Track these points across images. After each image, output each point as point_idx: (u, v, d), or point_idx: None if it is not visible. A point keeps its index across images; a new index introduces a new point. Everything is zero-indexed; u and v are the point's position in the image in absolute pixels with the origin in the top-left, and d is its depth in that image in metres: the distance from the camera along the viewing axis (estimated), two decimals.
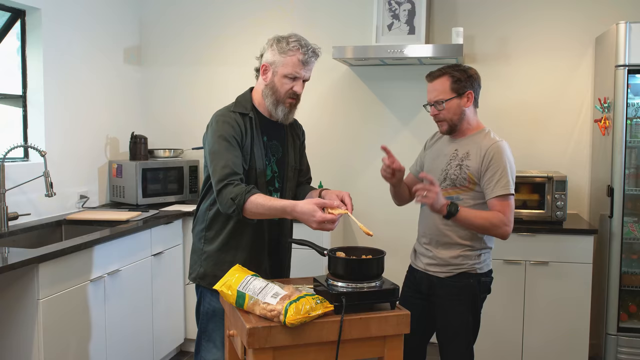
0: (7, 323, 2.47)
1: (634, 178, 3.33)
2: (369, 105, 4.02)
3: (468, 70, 2.37)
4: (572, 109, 3.75)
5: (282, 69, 2.13)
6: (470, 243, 2.32)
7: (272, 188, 2.24)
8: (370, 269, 1.86)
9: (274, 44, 2.16)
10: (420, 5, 3.66)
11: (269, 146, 2.23)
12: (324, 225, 1.86)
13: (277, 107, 2.17)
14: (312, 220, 1.87)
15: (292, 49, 2.12)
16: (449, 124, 2.38)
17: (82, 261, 2.70)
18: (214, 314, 2.23)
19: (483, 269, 2.36)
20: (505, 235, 2.25)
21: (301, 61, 2.13)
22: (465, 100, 2.35)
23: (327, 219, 1.85)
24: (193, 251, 2.30)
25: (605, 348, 3.30)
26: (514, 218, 2.28)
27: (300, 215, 1.89)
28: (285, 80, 2.14)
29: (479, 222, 2.23)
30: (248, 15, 4.11)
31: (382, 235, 4.01)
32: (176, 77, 4.29)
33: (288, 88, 2.14)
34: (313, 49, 2.17)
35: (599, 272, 3.39)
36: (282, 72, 2.13)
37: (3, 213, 2.94)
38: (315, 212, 1.86)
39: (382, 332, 1.78)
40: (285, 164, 2.28)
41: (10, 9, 3.23)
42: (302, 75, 2.15)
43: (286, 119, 2.22)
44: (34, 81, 3.33)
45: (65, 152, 3.51)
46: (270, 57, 2.16)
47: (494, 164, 2.28)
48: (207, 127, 2.21)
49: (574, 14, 3.71)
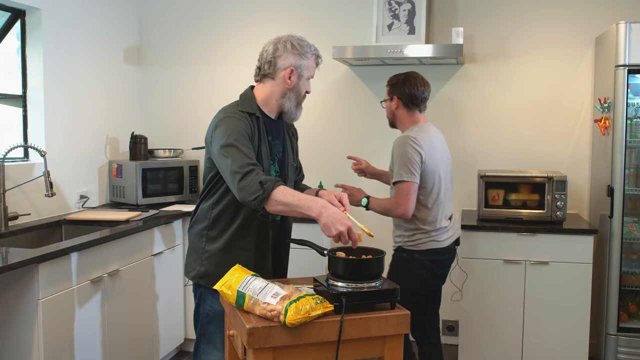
0: (7, 323, 2.47)
1: (634, 178, 3.33)
2: (368, 105, 4.02)
3: (399, 76, 2.82)
4: (572, 109, 3.75)
5: (306, 72, 2.21)
6: (404, 224, 2.77)
7: None
8: (370, 269, 1.86)
9: (292, 48, 2.16)
10: (420, 5, 3.67)
11: (273, 145, 2.24)
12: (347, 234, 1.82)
13: (297, 107, 2.24)
14: (342, 224, 1.82)
15: (308, 51, 2.20)
16: (389, 120, 2.89)
17: (82, 261, 2.70)
18: (215, 316, 2.22)
19: (418, 247, 2.73)
20: (402, 215, 2.67)
21: (317, 63, 2.25)
22: (394, 104, 2.81)
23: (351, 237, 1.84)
24: (192, 250, 2.28)
25: (605, 348, 3.30)
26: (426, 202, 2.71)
27: (330, 215, 1.83)
28: (307, 83, 2.23)
29: (380, 209, 2.77)
30: (248, 16, 4.11)
31: (382, 235, 4.01)
32: (176, 77, 4.29)
33: (305, 88, 2.24)
34: (319, 53, 2.28)
35: (599, 272, 3.39)
36: (306, 75, 2.22)
37: (3, 213, 2.95)
38: (344, 222, 1.82)
39: (382, 332, 1.78)
40: (285, 164, 2.29)
41: (10, 9, 3.23)
42: (313, 76, 2.26)
43: (297, 118, 2.28)
44: (34, 81, 3.34)
45: (65, 152, 3.51)
46: (293, 60, 2.17)
47: (394, 156, 2.72)
48: (214, 124, 2.13)
49: (574, 14, 3.71)
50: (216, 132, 2.09)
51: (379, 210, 2.80)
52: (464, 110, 3.88)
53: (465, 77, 3.87)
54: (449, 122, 3.90)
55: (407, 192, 2.63)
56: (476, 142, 3.88)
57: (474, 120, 3.88)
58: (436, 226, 2.74)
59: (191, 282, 2.31)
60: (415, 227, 2.74)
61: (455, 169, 3.91)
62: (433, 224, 2.73)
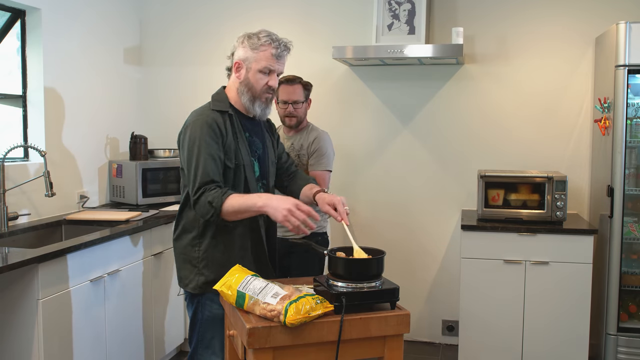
0: (7, 323, 2.47)
1: (634, 178, 3.33)
2: (368, 105, 4.02)
3: (311, 85, 3.11)
4: (572, 109, 3.75)
5: (255, 64, 2.14)
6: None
7: (260, 183, 2.25)
8: (370, 269, 1.86)
9: (244, 41, 2.16)
10: (420, 5, 3.66)
11: (252, 142, 2.23)
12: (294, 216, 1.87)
13: (254, 103, 2.18)
14: (287, 204, 1.89)
15: (264, 44, 2.13)
16: (298, 120, 3.04)
17: (82, 261, 2.70)
18: (213, 321, 2.19)
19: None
20: None
21: (274, 55, 2.13)
22: (308, 106, 3.10)
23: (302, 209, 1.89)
24: (184, 261, 2.21)
25: (605, 348, 3.30)
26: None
27: (273, 202, 1.93)
28: (260, 75, 2.14)
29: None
30: (248, 16, 4.11)
31: (383, 235, 4.02)
32: (176, 77, 4.29)
33: (263, 83, 2.15)
34: (284, 43, 2.17)
35: (599, 272, 3.39)
36: (256, 68, 2.14)
37: (3, 213, 2.95)
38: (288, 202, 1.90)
39: (382, 332, 1.78)
40: (266, 160, 2.28)
41: (10, 9, 3.23)
42: (276, 68, 2.16)
43: (264, 115, 2.23)
44: (34, 81, 3.33)
45: (65, 152, 3.51)
46: (242, 54, 2.17)
47: (319, 147, 3.00)
48: (183, 128, 2.18)
49: (574, 14, 3.71)
50: (184, 139, 2.14)
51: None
52: (463, 110, 3.88)
53: (465, 77, 3.87)
54: (449, 121, 3.90)
55: (328, 180, 3.02)
56: (476, 142, 3.88)
57: (474, 120, 3.88)
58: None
59: (183, 292, 2.27)
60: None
61: (455, 169, 3.93)
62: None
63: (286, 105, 2.99)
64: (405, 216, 4.01)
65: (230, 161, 2.12)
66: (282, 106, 3.02)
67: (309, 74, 4.04)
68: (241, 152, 2.15)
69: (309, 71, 4.03)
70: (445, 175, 3.93)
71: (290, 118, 3.02)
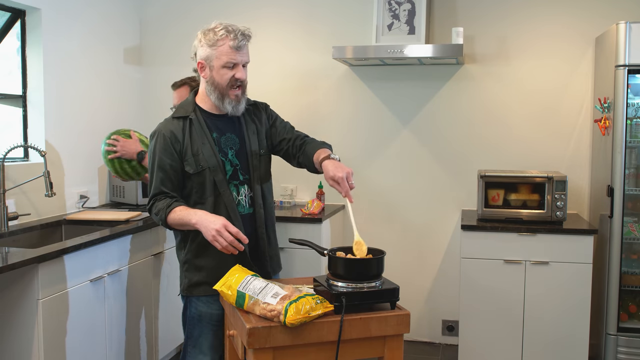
0: (7, 323, 2.47)
1: (634, 178, 3.33)
2: (368, 105, 4.02)
3: (191, 79, 3.06)
4: (572, 109, 3.75)
5: (216, 61, 2.10)
6: None
7: (237, 181, 2.19)
8: (370, 269, 1.86)
9: (202, 39, 2.13)
10: (420, 5, 3.67)
11: (222, 141, 2.19)
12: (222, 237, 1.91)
13: (223, 101, 2.15)
14: (216, 224, 1.92)
15: (220, 37, 2.09)
16: None
17: (82, 261, 2.70)
18: (200, 319, 2.20)
19: None
20: None
21: (233, 47, 2.08)
22: None
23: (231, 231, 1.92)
24: (179, 263, 2.29)
25: (605, 348, 3.30)
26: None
27: (204, 221, 1.97)
28: (223, 70, 2.10)
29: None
30: (248, 16, 4.11)
31: (382, 235, 4.02)
32: (176, 77, 4.27)
33: (229, 77, 2.11)
34: (242, 32, 2.11)
35: (599, 272, 3.39)
36: (217, 65, 2.10)
37: (3, 213, 2.94)
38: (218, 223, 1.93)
39: (382, 332, 1.78)
40: (246, 154, 2.22)
41: (10, 9, 3.23)
42: (239, 60, 2.11)
43: (236, 111, 2.18)
44: (34, 81, 3.34)
45: (65, 152, 3.51)
46: (202, 53, 2.13)
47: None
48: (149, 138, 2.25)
49: (574, 14, 3.70)
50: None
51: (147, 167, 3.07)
52: (464, 110, 3.88)
53: (465, 77, 3.87)
54: (449, 122, 3.90)
55: None
56: (476, 142, 3.88)
57: (473, 120, 3.88)
58: None
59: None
60: None
61: (455, 169, 3.93)
62: None
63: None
64: (405, 216, 4.01)
65: (191, 167, 2.13)
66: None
67: (309, 74, 4.06)
68: (204, 155, 2.13)
69: (309, 71, 4.04)
70: (445, 175, 3.93)
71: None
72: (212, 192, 2.14)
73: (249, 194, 2.21)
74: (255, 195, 2.21)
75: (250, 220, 2.22)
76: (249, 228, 2.20)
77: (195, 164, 2.13)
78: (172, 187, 2.13)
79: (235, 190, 2.18)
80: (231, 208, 2.14)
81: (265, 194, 2.26)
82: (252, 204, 2.21)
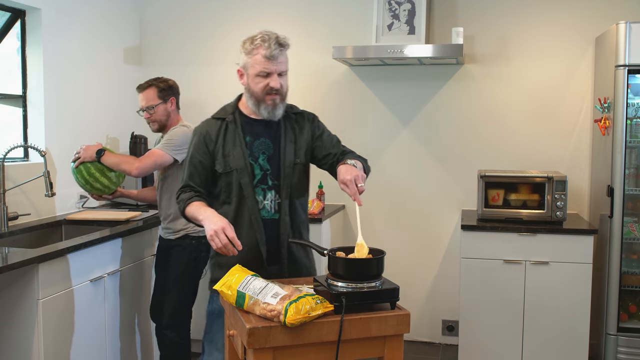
0: (7, 323, 2.47)
1: (634, 178, 3.33)
2: (368, 105, 4.02)
3: (168, 81, 3.14)
4: (572, 109, 3.76)
5: (251, 69, 2.14)
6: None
7: (265, 186, 2.20)
8: (370, 269, 1.86)
9: (242, 47, 2.18)
10: (420, 5, 3.67)
11: (254, 145, 2.21)
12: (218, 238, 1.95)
13: (259, 107, 2.18)
14: (216, 225, 1.97)
15: (256, 47, 2.11)
16: (159, 124, 3.10)
17: (82, 261, 2.70)
18: (220, 315, 2.22)
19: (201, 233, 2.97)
20: (130, 172, 2.94)
21: (266, 57, 2.10)
22: (170, 105, 3.10)
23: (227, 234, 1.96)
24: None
25: (605, 348, 3.30)
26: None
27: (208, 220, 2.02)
28: (258, 79, 2.13)
29: (114, 160, 3.01)
30: (248, 15, 4.11)
31: (382, 235, 4.02)
32: (176, 77, 4.25)
33: (263, 86, 2.14)
34: (278, 42, 2.12)
35: (599, 272, 3.39)
36: (252, 73, 2.14)
37: (3, 213, 2.95)
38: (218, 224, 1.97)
39: (382, 332, 1.78)
40: (278, 160, 2.23)
41: (10, 9, 3.23)
42: (273, 69, 2.13)
43: (273, 116, 2.20)
44: (34, 81, 3.34)
45: (65, 152, 3.50)
46: (241, 61, 2.19)
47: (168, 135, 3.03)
48: None
49: (574, 14, 3.71)
50: None
51: (110, 162, 3.00)
52: (463, 110, 3.88)
53: (465, 77, 3.87)
54: (449, 122, 3.90)
55: (156, 158, 2.94)
56: (476, 142, 3.88)
57: (473, 120, 3.88)
58: None
59: None
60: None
61: (455, 169, 3.93)
62: None
63: (144, 112, 3.08)
64: (405, 216, 4.01)
65: (220, 166, 2.19)
66: (142, 114, 3.11)
67: (309, 74, 4.06)
68: (233, 157, 2.17)
69: (309, 71, 4.04)
70: (445, 175, 3.93)
71: (152, 123, 3.10)
72: (237, 194, 2.18)
73: (276, 199, 2.22)
74: (283, 202, 2.22)
75: (274, 225, 2.22)
76: (272, 233, 2.21)
77: (225, 165, 2.18)
78: (199, 182, 2.22)
79: (261, 194, 2.20)
80: (253, 211, 2.17)
81: (294, 203, 2.25)
82: (278, 210, 2.22)
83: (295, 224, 2.27)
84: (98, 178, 3.03)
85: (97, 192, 3.08)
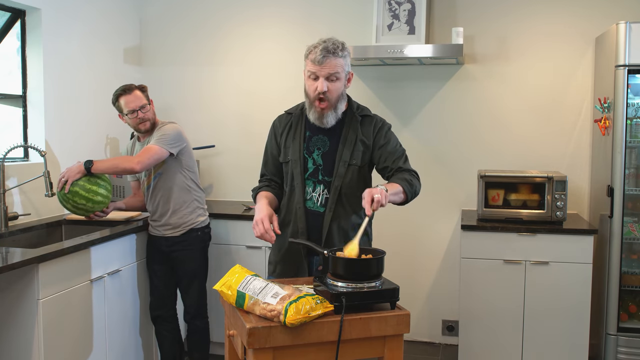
0: (7, 323, 2.47)
1: (634, 178, 3.33)
2: (368, 105, 3.97)
3: (145, 86, 3.20)
4: (572, 109, 3.75)
5: (305, 72, 2.28)
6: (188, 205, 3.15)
7: (315, 179, 2.30)
8: (370, 269, 1.86)
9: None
10: (420, 5, 3.67)
11: (312, 139, 2.32)
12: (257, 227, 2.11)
13: (310, 109, 2.29)
14: (255, 217, 2.14)
15: (310, 50, 2.25)
16: (151, 122, 3.14)
17: (82, 261, 2.70)
18: None
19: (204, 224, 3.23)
20: (132, 169, 2.92)
21: (314, 60, 2.21)
22: (152, 105, 3.17)
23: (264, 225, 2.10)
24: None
25: (605, 348, 3.30)
26: (198, 182, 3.14)
27: (255, 212, 2.20)
28: (309, 81, 2.26)
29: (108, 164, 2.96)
30: (248, 15, 4.11)
31: (382, 235, 4.02)
32: (176, 77, 4.29)
33: (313, 88, 2.24)
34: (325, 47, 2.19)
35: (599, 272, 3.39)
36: (305, 75, 2.28)
37: (3, 213, 2.95)
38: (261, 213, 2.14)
39: (382, 332, 1.78)
40: (334, 158, 2.30)
41: (10, 9, 3.23)
42: (319, 73, 2.21)
43: (320, 123, 2.28)
44: (34, 81, 3.34)
45: (65, 152, 3.51)
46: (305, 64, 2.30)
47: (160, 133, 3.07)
48: None
49: (574, 14, 3.71)
50: None
51: (105, 167, 2.93)
52: (463, 110, 3.88)
53: (465, 77, 3.87)
54: (449, 122, 3.90)
55: (154, 152, 2.96)
56: (476, 142, 3.88)
57: (473, 120, 3.88)
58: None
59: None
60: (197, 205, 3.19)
61: (455, 169, 3.93)
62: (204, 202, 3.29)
63: (135, 113, 3.06)
64: (405, 216, 4.01)
65: (281, 156, 2.38)
66: (131, 117, 3.06)
67: None
68: (291, 149, 2.33)
69: None
70: (445, 175, 3.93)
71: (144, 123, 3.09)
72: (290, 183, 2.34)
73: (324, 194, 2.30)
74: (331, 198, 2.28)
75: (318, 218, 2.30)
76: (315, 224, 2.30)
77: (284, 155, 2.37)
78: (270, 169, 2.44)
79: (311, 186, 2.32)
80: (298, 201, 2.30)
81: (342, 202, 2.29)
82: (324, 204, 2.29)
83: (342, 222, 2.30)
84: (96, 190, 2.90)
85: (98, 205, 2.93)
